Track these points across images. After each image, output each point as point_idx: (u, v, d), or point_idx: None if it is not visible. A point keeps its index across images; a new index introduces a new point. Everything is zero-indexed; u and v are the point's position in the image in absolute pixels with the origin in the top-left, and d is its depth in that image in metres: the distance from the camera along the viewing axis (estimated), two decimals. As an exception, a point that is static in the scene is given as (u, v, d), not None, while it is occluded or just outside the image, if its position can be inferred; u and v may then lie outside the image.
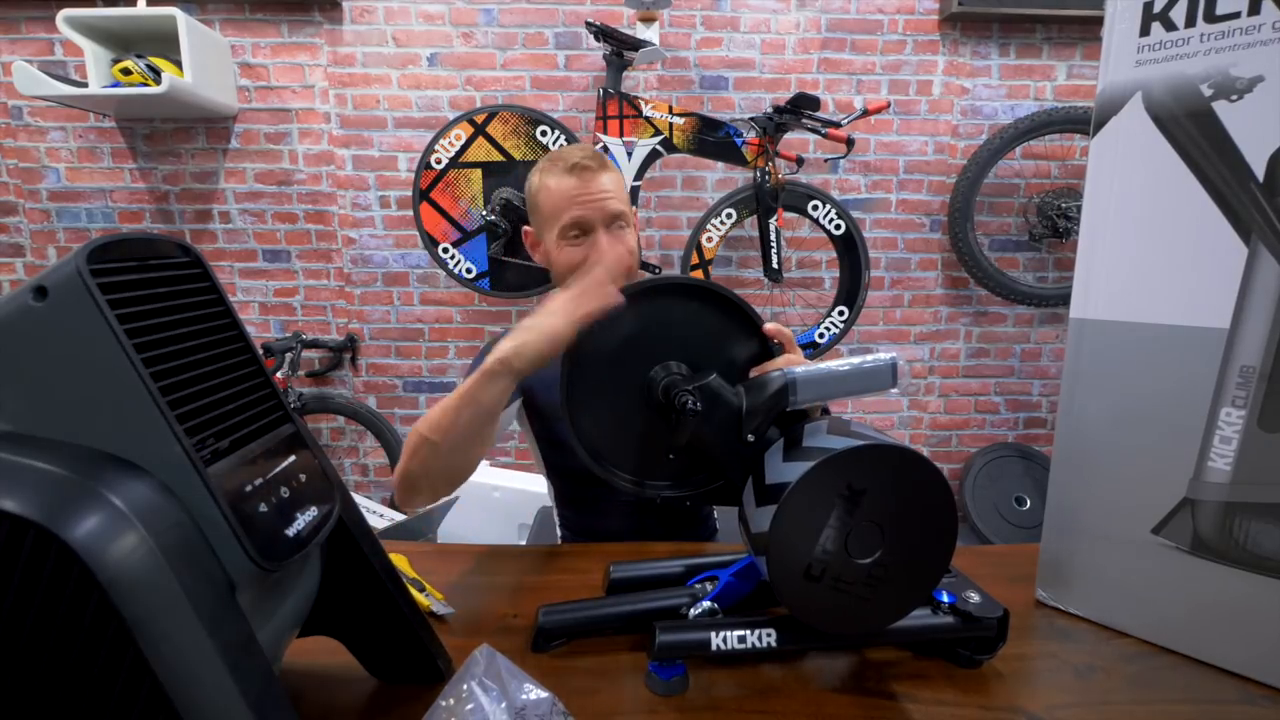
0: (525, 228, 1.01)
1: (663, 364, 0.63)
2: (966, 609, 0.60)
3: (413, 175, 2.15)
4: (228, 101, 2.14)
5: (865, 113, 1.97)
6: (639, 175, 2.00)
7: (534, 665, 0.62)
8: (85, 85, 1.93)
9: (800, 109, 1.94)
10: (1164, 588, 0.64)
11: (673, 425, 0.60)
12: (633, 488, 0.66)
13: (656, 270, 2.02)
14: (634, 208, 1.01)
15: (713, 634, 0.58)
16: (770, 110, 1.98)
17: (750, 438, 0.60)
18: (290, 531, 0.42)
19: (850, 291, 2.20)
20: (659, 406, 0.62)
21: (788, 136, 2.13)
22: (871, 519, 0.53)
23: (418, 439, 0.77)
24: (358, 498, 2.22)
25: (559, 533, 1.13)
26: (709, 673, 0.60)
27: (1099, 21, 0.64)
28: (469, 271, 2.16)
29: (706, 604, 0.62)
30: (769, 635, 0.58)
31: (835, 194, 2.28)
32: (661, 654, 0.57)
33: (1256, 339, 0.56)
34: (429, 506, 1.63)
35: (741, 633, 0.58)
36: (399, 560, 0.74)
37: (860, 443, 0.52)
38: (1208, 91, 0.57)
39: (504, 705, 0.46)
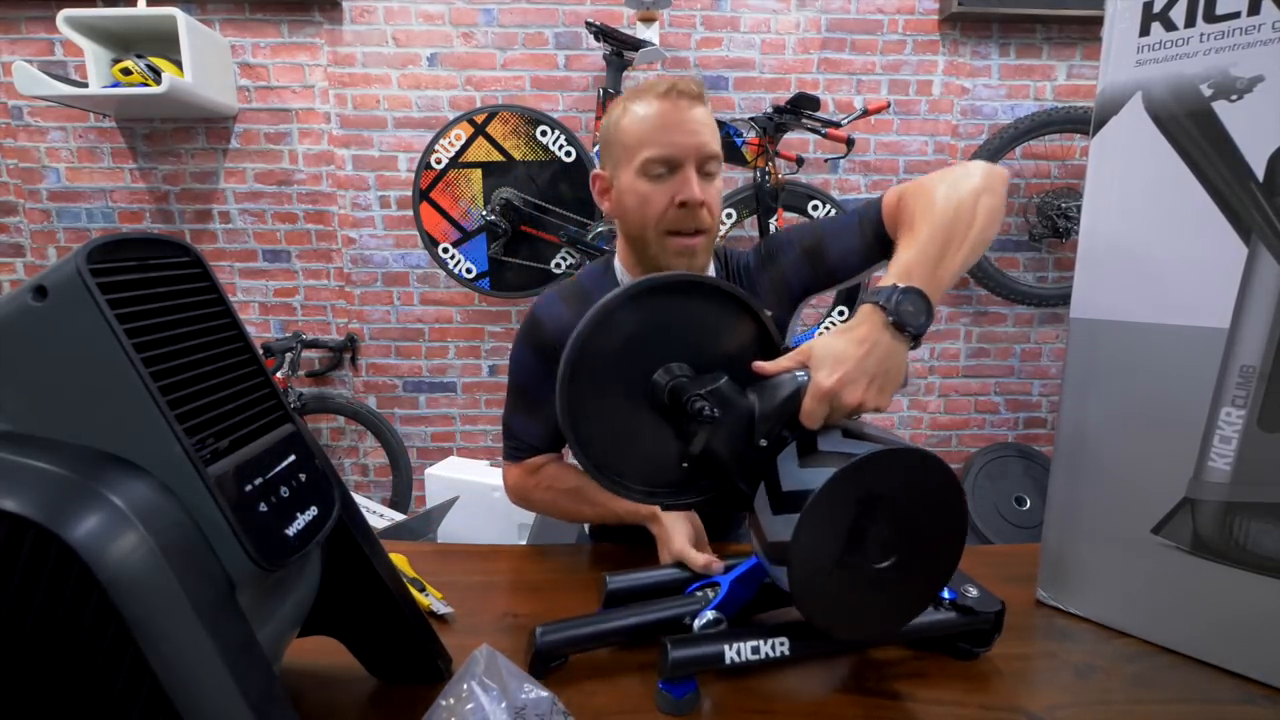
0: (594, 173, 0.90)
1: (664, 367, 0.60)
2: (967, 604, 0.61)
3: (413, 175, 2.15)
4: (228, 101, 2.14)
5: (865, 113, 1.97)
6: (639, 175, 2.00)
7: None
8: (85, 85, 1.92)
9: (800, 109, 1.94)
10: (1164, 588, 0.64)
11: (686, 433, 0.57)
12: (642, 498, 0.63)
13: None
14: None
15: (726, 647, 0.56)
16: (770, 110, 1.98)
17: (763, 442, 0.57)
18: (290, 531, 0.42)
19: (850, 292, 2.20)
20: (664, 410, 0.60)
21: (788, 136, 2.13)
22: (888, 523, 0.52)
23: (540, 503, 0.92)
24: (358, 498, 2.21)
25: (585, 528, 1.09)
26: (708, 672, 0.60)
27: (1099, 21, 0.64)
28: (469, 271, 2.15)
29: (711, 614, 0.60)
30: (781, 644, 0.57)
31: (835, 194, 2.28)
32: (675, 671, 0.55)
33: (1256, 339, 0.56)
34: (434, 505, 1.63)
35: (755, 643, 0.57)
36: (399, 560, 0.74)
37: (879, 447, 0.51)
38: (1208, 91, 0.57)
39: (504, 705, 0.46)
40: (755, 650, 0.57)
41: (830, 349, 0.57)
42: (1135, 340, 0.64)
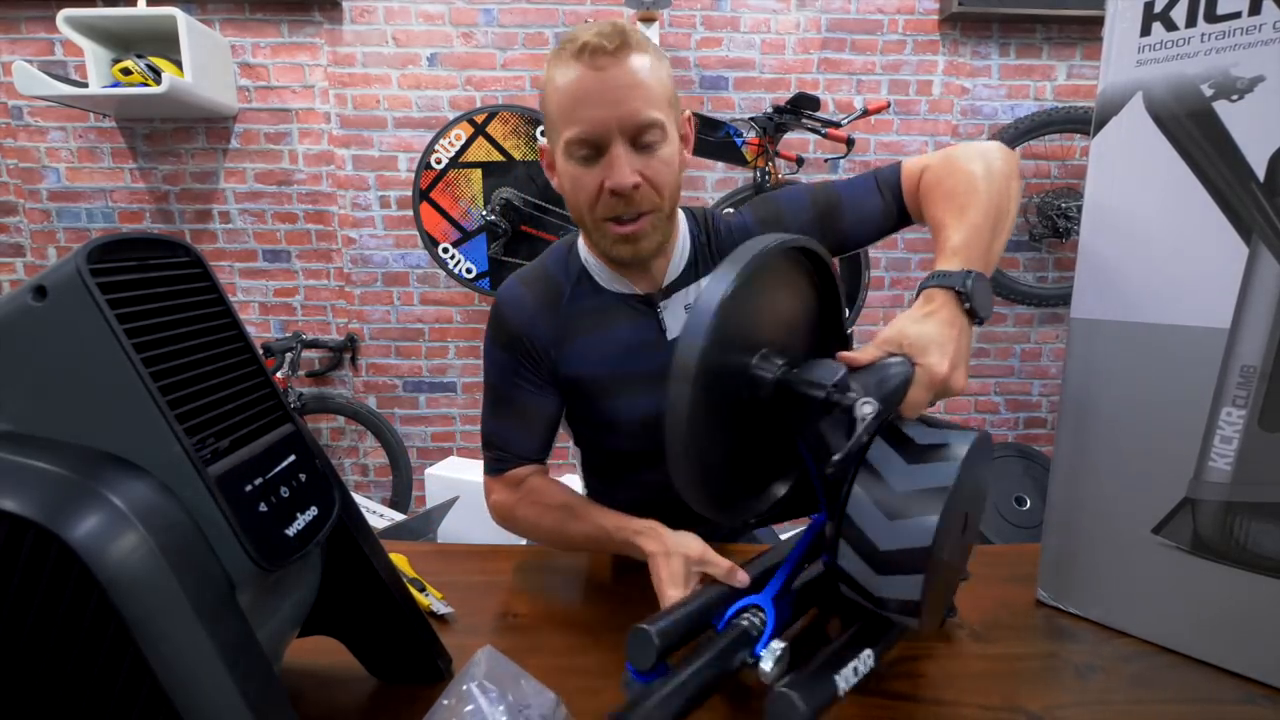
0: (539, 145, 0.79)
1: (754, 359, 0.52)
2: None
3: (413, 175, 2.15)
4: (228, 101, 2.14)
5: (865, 113, 1.97)
6: (639, 175, 2.00)
7: (535, 665, 0.62)
8: (85, 85, 1.92)
9: (800, 109, 1.94)
10: (1164, 588, 0.64)
11: (807, 433, 0.51)
12: (738, 520, 0.57)
13: None
14: (686, 112, 0.76)
15: (836, 677, 0.49)
16: (770, 110, 1.98)
17: (865, 439, 0.50)
18: (290, 531, 0.42)
19: (850, 292, 2.20)
20: (758, 407, 0.52)
21: (788, 136, 2.13)
22: (970, 509, 0.52)
23: (524, 522, 0.82)
24: (358, 498, 2.22)
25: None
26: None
27: (1099, 21, 0.64)
28: (469, 271, 2.16)
29: (776, 645, 0.51)
30: (869, 658, 0.52)
31: (835, 194, 2.28)
32: None
33: (1257, 339, 0.56)
34: (434, 505, 1.63)
35: (854, 665, 0.51)
36: (399, 560, 0.74)
37: (972, 432, 0.50)
38: (1208, 91, 0.57)
39: (504, 706, 0.46)
40: (855, 671, 0.50)
41: (926, 333, 0.54)
42: (1135, 340, 0.64)
